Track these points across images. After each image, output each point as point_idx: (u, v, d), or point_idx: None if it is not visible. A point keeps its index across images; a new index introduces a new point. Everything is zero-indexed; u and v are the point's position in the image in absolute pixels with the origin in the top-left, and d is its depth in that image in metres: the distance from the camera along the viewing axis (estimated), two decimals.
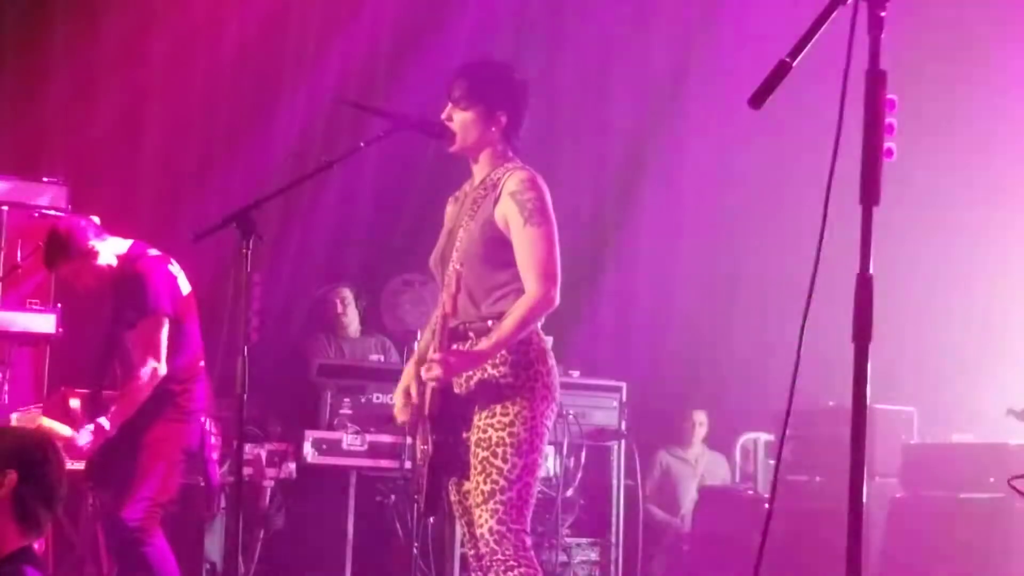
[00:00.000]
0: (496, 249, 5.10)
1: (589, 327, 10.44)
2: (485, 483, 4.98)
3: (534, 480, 5.07)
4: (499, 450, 4.98)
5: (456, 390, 5.13)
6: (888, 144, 3.24)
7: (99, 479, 6.87)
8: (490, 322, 5.05)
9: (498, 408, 5.02)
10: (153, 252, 6.92)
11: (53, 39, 9.96)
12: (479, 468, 5.00)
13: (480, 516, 4.99)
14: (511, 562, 4.95)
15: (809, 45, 3.30)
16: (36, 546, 4.06)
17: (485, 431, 5.02)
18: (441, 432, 5.13)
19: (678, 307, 11.08)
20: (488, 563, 4.99)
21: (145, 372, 6.65)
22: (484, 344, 5.00)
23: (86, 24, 9.99)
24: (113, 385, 7.16)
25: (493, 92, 5.25)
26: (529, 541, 5.03)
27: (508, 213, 5.08)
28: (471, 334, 5.09)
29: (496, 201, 5.12)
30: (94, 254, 6.80)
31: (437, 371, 5.00)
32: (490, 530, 4.96)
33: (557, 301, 5.08)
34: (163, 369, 6.69)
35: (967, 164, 10.34)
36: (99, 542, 7.26)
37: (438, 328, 5.08)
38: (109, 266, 6.85)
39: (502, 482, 4.97)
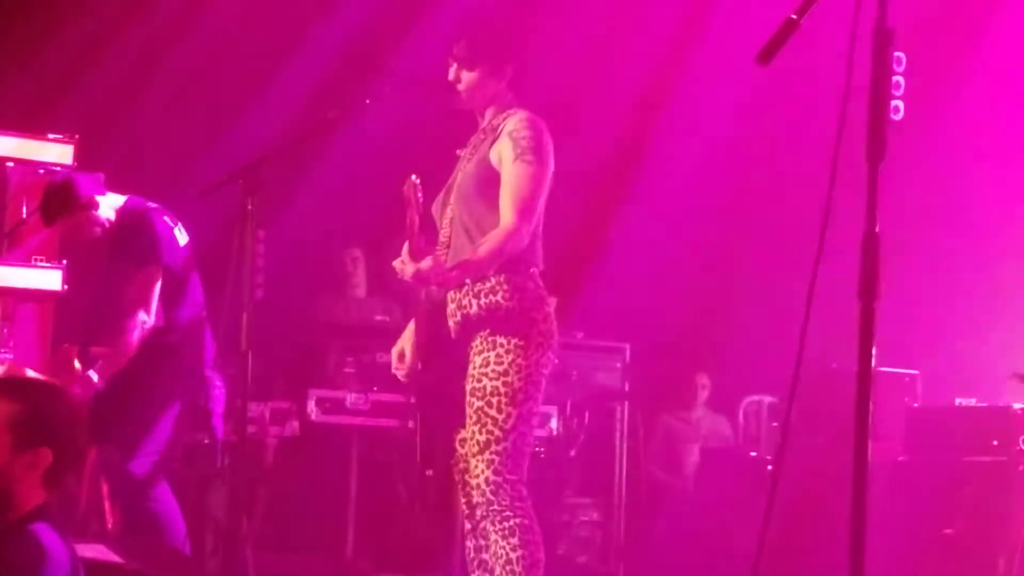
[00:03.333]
0: (489, 187, 5.11)
1: (593, 289, 10.43)
2: (480, 433, 5.00)
3: (529, 429, 5.09)
4: (494, 399, 4.99)
5: (452, 335, 5.15)
6: (895, 101, 3.23)
7: (102, 433, 6.87)
8: None
9: (492, 356, 5.03)
10: (148, 204, 6.94)
11: None
12: (474, 418, 5.02)
13: (476, 466, 5.00)
14: (507, 512, 4.97)
15: (816, 2, 3.29)
16: None
17: (480, 380, 5.03)
18: (433, 378, 5.15)
19: (682, 269, 11.07)
20: (484, 512, 5.01)
21: (133, 324, 6.66)
22: (454, 265, 5.04)
23: None
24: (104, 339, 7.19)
25: (497, 48, 5.26)
26: (525, 491, 5.03)
27: (502, 150, 5.09)
28: None
29: (494, 142, 5.12)
30: (94, 205, 6.82)
31: (403, 267, 5.06)
32: (486, 480, 4.97)
33: (527, 238, 5.06)
34: (151, 322, 6.69)
35: (977, 123, 10.30)
36: (103, 497, 7.28)
37: (413, 237, 5.08)
38: (108, 220, 6.87)
39: (497, 432, 4.98)
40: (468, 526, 5.20)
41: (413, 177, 5.05)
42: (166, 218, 6.93)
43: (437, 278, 5.07)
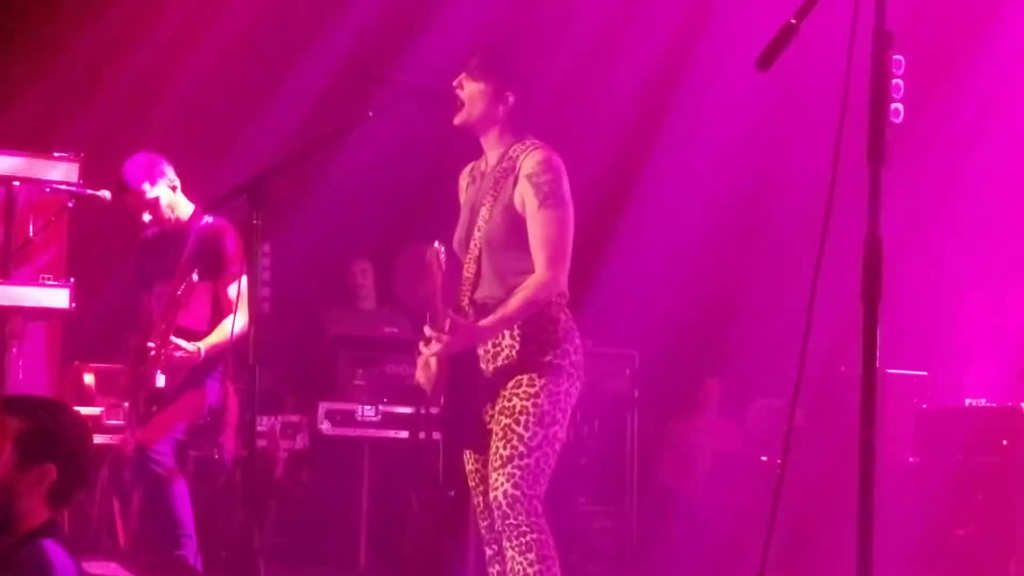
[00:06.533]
0: (518, 233, 5.12)
1: (601, 296, 10.42)
2: (505, 448, 5.00)
3: (553, 452, 5.08)
4: (522, 418, 5.01)
5: (483, 365, 5.16)
6: (895, 104, 3.24)
7: (143, 417, 6.93)
8: None
9: (524, 379, 5.05)
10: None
11: (65, 13, 9.97)
12: (500, 434, 5.03)
13: (496, 479, 5.00)
14: (524, 528, 4.96)
15: (815, 5, 3.30)
16: None
17: (510, 400, 5.04)
18: (459, 403, 5.16)
19: (690, 275, 11.07)
20: (500, 527, 5.01)
21: (232, 321, 6.67)
22: (487, 321, 5.04)
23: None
24: (124, 357, 7.23)
25: (507, 70, 5.26)
26: (541, 508, 5.04)
27: (524, 195, 5.10)
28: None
29: (515, 183, 5.13)
30: (174, 187, 6.98)
31: (436, 346, 5.03)
32: (504, 493, 4.97)
33: (564, 285, 5.11)
34: (246, 323, 6.72)
35: (980, 122, 10.30)
36: (115, 515, 7.29)
37: (436, 304, 5.09)
38: (168, 217, 7.01)
39: (521, 448, 4.99)
40: (489, 552, 5.21)
41: (436, 244, 5.06)
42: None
43: (469, 343, 5.09)
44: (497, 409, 5.08)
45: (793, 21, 3.31)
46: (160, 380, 6.82)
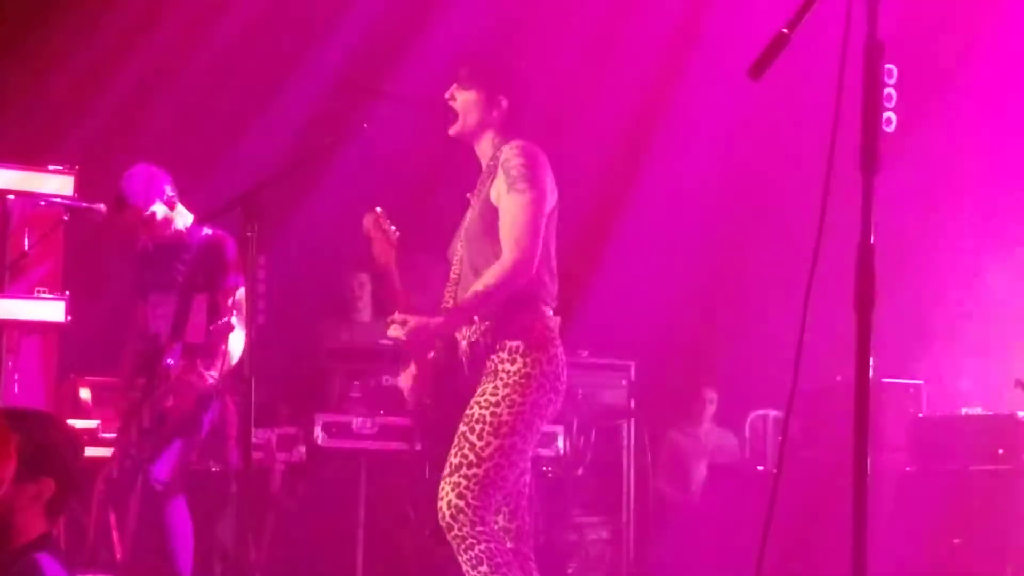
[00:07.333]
0: (493, 228, 5.10)
1: (597, 306, 10.43)
2: (455, 456, 4.94)
3: (509, 464, 4.97)
4: (477, 427, 4.94)
5: (465, 373, 5.15)
6: (888, 113, 3.25)
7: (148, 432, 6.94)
8: None
9: (489, 388, 5.00)
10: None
11: (59, 27, 9.96)
12: (455, 442, 4.98)
13: (442, 488, 4.92)
14: (470, 540, 4.87)
15: (807, 15, 3.31)
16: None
17: (471, 408, 5.00)
18: (443, 412, 5.14)
19: (686, 285, 11.06)
20: (449, 540, 4.92)
21: (229, 327, 6.67)
22: (443, 314, 5.04)
23: (92, 12, 9.99)
24: (120, 372, 7.23)
25: (497, 76, 5.27)
26: (490, 518, 4.94)
27: (499, 185, 5.10)
28: None
29: (494, 179, 5.13)
30: (172, 204, 6.95)
31: (398, 331, 5.03)
32: (448, 503, 4.89)
33: (532, 269, 5.03)
34: (239, 330, 6.73)
35: (977, 131, 10.31)
36: (111, 528, 7.28)
37: (393, 282, 5.09)
38: (177, 230, 7.02)
39: (471, 457, 4.92)
40: None
41: (377, 209, 5.05)
42: None
43: (434, 332, 5.09)
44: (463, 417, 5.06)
45: (785, 31, 3.31)
46: (170, 399, 6.82)
